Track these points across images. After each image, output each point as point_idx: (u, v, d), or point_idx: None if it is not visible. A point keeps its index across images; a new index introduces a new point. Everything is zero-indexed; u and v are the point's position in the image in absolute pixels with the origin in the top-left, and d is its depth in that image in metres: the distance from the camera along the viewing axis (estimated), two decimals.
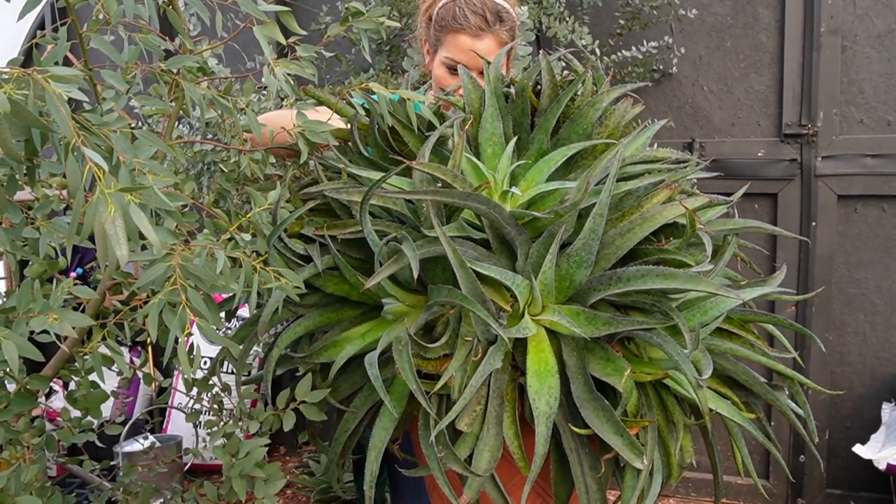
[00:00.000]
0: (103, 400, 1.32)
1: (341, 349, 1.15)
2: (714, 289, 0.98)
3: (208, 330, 0.83)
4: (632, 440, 1.00)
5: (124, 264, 0.61)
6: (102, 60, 1.04)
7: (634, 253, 1.08)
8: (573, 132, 1.17)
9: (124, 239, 0.61)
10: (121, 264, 0.60)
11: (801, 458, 2.91)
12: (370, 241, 1.05)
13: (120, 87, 0.96)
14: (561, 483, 1.14)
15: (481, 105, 1.20)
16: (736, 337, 1.14)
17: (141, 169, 0.75)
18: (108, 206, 0.59)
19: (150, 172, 0.73)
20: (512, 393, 1.12)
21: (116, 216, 0.61)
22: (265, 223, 1.17)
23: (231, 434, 1.21)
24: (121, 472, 3.20)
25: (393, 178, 1.15)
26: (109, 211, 0.59)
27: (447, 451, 1.02)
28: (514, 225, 1.07)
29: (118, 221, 0.61)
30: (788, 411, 1.13)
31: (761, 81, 2.82)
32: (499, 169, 1.17)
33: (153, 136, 0.81)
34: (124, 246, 0.61)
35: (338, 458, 1.25)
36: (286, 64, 1.09)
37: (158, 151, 1.21)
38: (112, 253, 0.59)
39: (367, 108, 1.20)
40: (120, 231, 0.61)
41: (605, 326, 1.04)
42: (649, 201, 1.09)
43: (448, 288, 1.01)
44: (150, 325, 0.81)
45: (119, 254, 0.60)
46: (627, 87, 1.18)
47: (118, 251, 0.60)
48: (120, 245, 0.60)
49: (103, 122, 0.80)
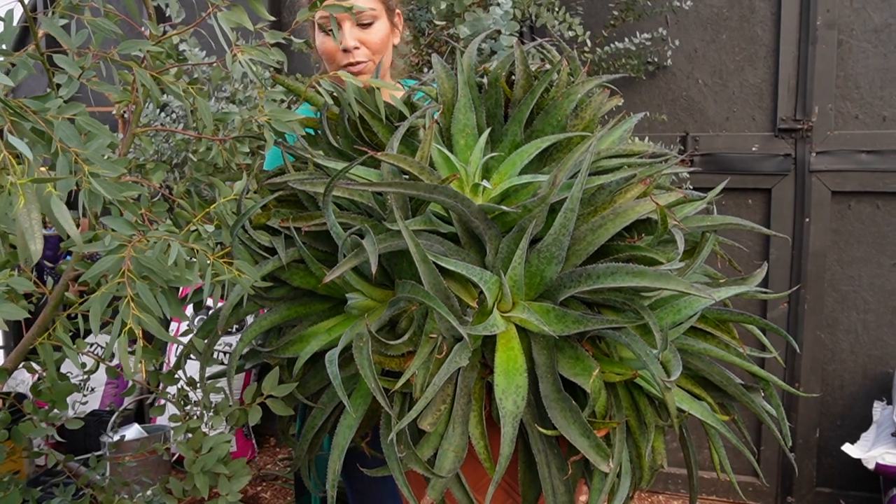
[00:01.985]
0: (69, 392, 1.30)
1: (306, 344, 1.12)
2: (685, 287, 0.95)
3: (153, 325, 0.80)
4: (598, 442, 0.97)
5: (37, 259, 0.58)
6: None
7: (606, 249, 1.05)
8: (547, 124, 1.14)
9: (39, 232, 0.58)
10: (32, 259, 0.57)
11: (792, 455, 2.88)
12: (333, 233, 1.03)
13: (72, 71, 0.93)
14: (529, 485, 1.11)
15: (454, 95, 1.17)
16: (711, 337, 1.11)
17: (79, 157, 0.72)
18: (20, 197, 0.56)
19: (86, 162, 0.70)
20: (480, 391, 1.09)
21: (31, 208, 0.58)
22: (230, 214, 1.14)
23: (195, 429, 1.18)
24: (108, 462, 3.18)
25: (362, 170, 1.12)
26: (21, 202, 0.56)
27: (408, 451, 0.99)
28: (482, 219, 1.04)
29: (34, 214, 0.58)
30: (763, 413, 1.10)
31: (756, 75, 2.78)
32: (471, 161, 1.13)
33: (95, 123, 0.78)
34: (39, 240, 0.58)
35: (304, 453, 1.22)
36: (249, 50, 1.06)
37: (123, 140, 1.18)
38: (25, 248, 0.57)
39: (336, 97, 1.17)
40: (35, 224, 0.58)
41: (574, 325, 1.01)
42: (622, 196, 1.06)
43: (411, 283, 0.98)
44: (92, 318, 0.78)
45: (32, 248, 0.57)
46: (602, 79, 1.15)
47: (32, 245, 0.57)
48: (34, 239, 0.57)
49: (44, 108, 0.77)
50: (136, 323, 0.87)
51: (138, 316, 0.80)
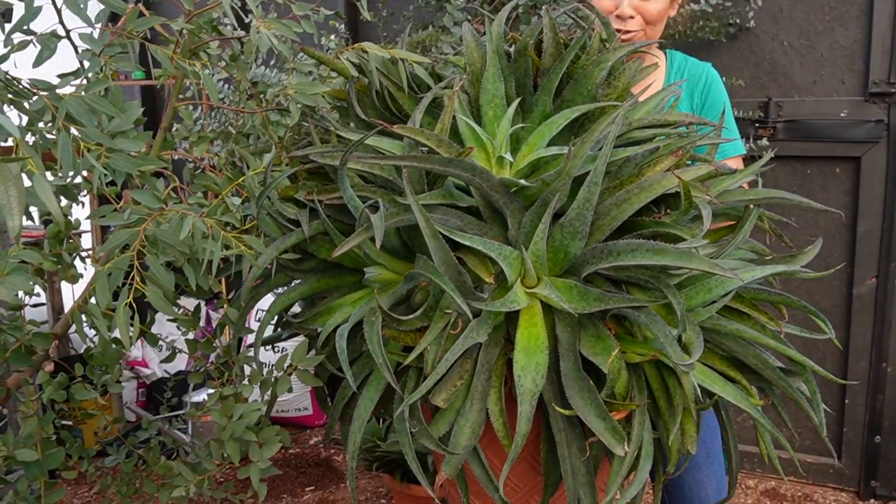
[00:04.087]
0: (118, 357, 1.35)
1: (331, 317, 1.13)
2: (708, 266, 0.90)
3: (156, 298, 0.82)
4: (613, 424, 0.94)
5: (15, 235, 0.60)
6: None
7: (632, 224, 1.01)
8: (577, 93, 1.10)
9: (18, 209, 0.60)
10: (11, 235, 0.59)
11: (877, 438, 2.74)
12: (351, 206, 1.02)
13: (94, 48, 0.95)
14: (552, 464, 1.09)
15: (483, 65, 1.14)
16: (747, 318, 1.05)
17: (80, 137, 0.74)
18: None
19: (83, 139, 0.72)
20: (501, 368, 1.07)
21: (10, 186, 0.59)
22: (258, 186, 1.16)
23: (228, 396, 1.21)
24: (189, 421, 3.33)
25: (386, 142, 1.11)
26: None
27: (420, 426, 0.98)
28: (503, 193, 1.02)
29: (12, 191, 0.59)
30: (801, 398, 1.04)
31: (847, 36, 2.60)
32: (497, 133, 1.11)
33: (102, 101, 0.79)
34: (17, 216, 0.59)
35: (336, 422, 1.24)
36: (272, 24, 1.06)
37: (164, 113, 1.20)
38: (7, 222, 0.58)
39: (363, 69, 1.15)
40: (14, 201, 0.60)
41: (596, 303, 0.98)
42: (651, 169, 1.01)
43: (424, 259, 0.97)
44: (99, 292, 0.80)
45: (11, 224, 0.59)
46: (635, 45, 1.09)
47: (10, 222, 0.59)
48: (13, 215, 0.59)
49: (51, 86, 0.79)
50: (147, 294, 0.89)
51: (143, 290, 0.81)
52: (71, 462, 1.34)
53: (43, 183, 0.64)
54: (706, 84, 1.65)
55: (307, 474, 3.11)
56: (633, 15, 1.55)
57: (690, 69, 1.67)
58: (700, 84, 1.65)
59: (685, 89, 1.64)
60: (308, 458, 3.24)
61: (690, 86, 1.65)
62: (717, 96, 1.65)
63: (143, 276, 0.84)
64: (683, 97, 1.63)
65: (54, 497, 1.10)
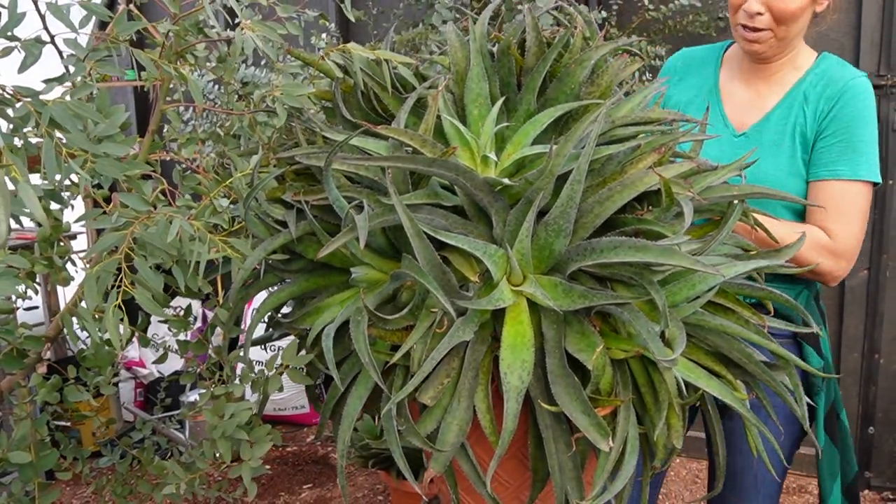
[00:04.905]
0: (112, 359, 1.36)
1: (320, 316, 1.14)
2: (689, 263, 0.91)
3: (145, 300, 0.83)
4: (598, 420, 0.95)
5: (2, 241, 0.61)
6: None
7: (614, 222, 1.02)
8: (560, 92, 1.11)
9: (4, 215, 0.61)
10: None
11: (871, 430, 2.76)
12: (336, 206, 1.03)
13: (79, 53, 0.96)
14: (539, 460, 1.10)
15: (467, 64, 1.15)
16: (730, 312, 1.07)
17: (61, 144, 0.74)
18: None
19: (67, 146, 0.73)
20: (489, 366, 1.08)
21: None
22: (245, 188, 1.16)
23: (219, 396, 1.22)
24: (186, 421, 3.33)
25: (371, 143, 1.12)
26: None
27: (407, 424, 1.00)
28: (488, 192, 1.02)
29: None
30: (785, 392, 1.05)
31: (836, 28, 2.61)
32: (482, 132, 1.11)
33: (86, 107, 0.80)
34: (4, 222, 0.60)
35: (327, 420, 1.25)
36: (257, 26, 1.07)
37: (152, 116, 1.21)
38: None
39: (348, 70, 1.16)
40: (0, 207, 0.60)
41: (580, 300, 0.99)
42: (633, 166, 1.02)
43: (409, 258, 0.98)
44: (87, 294, 0.81)
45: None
46: (618, 42, 1.10)
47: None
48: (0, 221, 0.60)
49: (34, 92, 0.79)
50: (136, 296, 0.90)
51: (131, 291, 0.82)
52: (66, 463, 1.35)
53: (28, 189, 0.65)
54: (840, 92, 1.49)
55: (304, 472, 3.13)
56: (762, 11, 1.44)
57: (832, 74, 1.53)
58: (834, 90, 1.50)
59: (815, 92, 1.51)
60: (305, 456, 3.26)
61: (821, 90, 1.51)
62: (850, 109, 1.48)
63: (133, 278, 0.85)
64: (811, 100, 1.51)
65: (49, 498, 1.11)
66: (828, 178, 1.47)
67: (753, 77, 1.59)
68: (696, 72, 1.67)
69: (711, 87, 1.64)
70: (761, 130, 1.55)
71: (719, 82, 1.64)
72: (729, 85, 1.63)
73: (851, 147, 1.46)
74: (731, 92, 1.62)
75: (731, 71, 1.64)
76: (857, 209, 1.47)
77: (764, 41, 1.49)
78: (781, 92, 1.56)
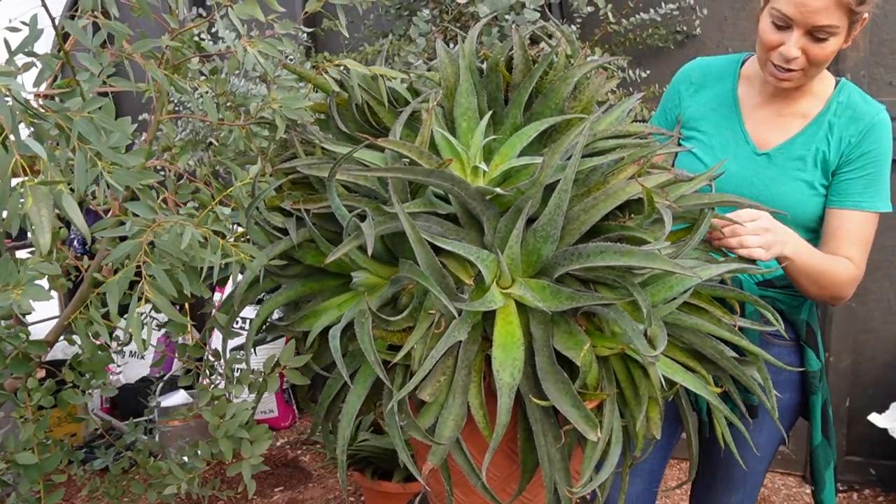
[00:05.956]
0: (106, 363, 1.39)
1: (318, 319, 1.19)
2: (670, 266, 0.99)
3: (165, 305, 0.88)
4: (587, 413, 1.03)
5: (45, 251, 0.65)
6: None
7: (599, 228, 1.10)
8: (546, 107, 1.18)
9: (48, 227, 0.65)
10: (43, 251, 0.64)
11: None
12: (338, 215, 1.09)
13: (93, 69, 1.00)
14: (528, 453, 1.17)
15: (456, 80, 1.22)
16: (704, 312, 1.15)
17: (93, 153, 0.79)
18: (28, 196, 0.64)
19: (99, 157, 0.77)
20: (480, 364, 1.15)
21: (41, 206, 0.65)
22: (245, 197, 1.21)
23: (219, 397, 1.27)
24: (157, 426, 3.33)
25: (368, 154, 1.18)
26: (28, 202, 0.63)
27: (408, 419, 1.06)
28: (480, 201, 1.09)
29: (43, 211, 0.65)
30: (755, 385, 1.14)
31: None
32: (472, 144, 1.18)
33: (109, 119, 0.85)
34: (47, 234, 0.65)
35: (322, 420, 1.30)
36: (258, 43, 1.12)
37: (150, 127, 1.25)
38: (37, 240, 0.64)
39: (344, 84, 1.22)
40: (45, 220, 0.65)
41: (567, 301, 1.06)
42: (615, 177, 1.10)
43: (409, 263, 1.04)
44: (110, 300, 0.86)
45: (42, 241, 0.64)
46: (599, 61, 1.18)
47: (41, 238, 0.64)
48: (44, 233, 0.65)
49: (63, 108, 0.84)
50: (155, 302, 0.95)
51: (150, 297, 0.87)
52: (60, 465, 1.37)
53: (71, 202, 0.69)
54: (868, 128, 1.54)
55: (276, 475, 3.16)
56: (798, 56, 1.47)
57: (857, 108, 1.57)
58: (861, 124, 1.55)
59: (840, 123, 1.57)
60: (276, 459, 3.29)
61: (846, 122, 1.56)
62: (878, 145, 1.55)
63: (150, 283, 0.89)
64: (835, 130, 1.57)
65: (54, 498, 1.15)
66: (851, 209, 1.54)
67: (775, 98, 1.63)
68: (714, 84, 1.70)
69: (731, 102, 1.67)
70: (784, 153, 1.59)
71: (738, 98, 1.67)
72: (749, 101, 1.66)
73: (875, 181, 1.55)
74: (751, 108, 1.65)
75: (751, 87, 1.67)
76: (870, 237, 1.57)
77: (795, 79, 1.53)
78: (805, 116, 1.60)
